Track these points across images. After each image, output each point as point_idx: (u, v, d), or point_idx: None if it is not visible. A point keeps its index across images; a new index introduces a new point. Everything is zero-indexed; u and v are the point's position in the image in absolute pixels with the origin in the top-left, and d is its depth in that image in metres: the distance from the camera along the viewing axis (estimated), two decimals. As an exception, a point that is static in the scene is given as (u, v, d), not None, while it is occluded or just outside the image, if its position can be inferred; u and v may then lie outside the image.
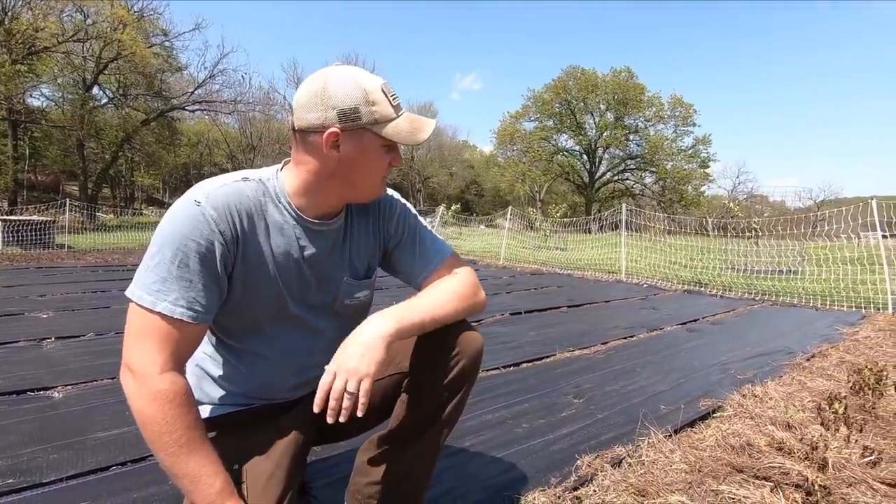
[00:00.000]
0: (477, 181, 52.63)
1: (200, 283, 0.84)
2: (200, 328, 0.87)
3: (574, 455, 1.58)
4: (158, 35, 22.84)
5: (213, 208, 0.85)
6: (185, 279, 0.82)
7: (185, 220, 0.83)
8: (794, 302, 5.41)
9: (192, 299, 0.83)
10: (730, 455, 1.58)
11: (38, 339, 2.86)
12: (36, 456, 1.48)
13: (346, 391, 0.83)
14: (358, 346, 0.87)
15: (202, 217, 0.84)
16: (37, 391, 2.05)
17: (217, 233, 0.85)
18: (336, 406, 0.83)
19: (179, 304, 0.82)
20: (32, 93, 21.82)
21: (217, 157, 35.52)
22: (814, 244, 7.22)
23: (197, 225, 0.83)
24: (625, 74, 40.56)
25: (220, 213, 0.86)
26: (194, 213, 0.84)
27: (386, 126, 0.90)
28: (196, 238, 0.83)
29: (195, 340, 0.88)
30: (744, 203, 30.09)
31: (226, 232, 0.86)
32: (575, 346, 3.06)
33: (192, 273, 0.83)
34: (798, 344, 3.26)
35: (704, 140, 39.57)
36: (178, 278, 0.82)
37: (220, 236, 0.85)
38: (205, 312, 0.85)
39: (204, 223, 0.84)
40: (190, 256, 0.82)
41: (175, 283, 0.82)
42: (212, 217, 0.85)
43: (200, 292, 0.84)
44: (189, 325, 0.83)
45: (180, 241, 0.82)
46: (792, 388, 2.28)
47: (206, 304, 0.85)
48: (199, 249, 0.83)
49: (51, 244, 9.60)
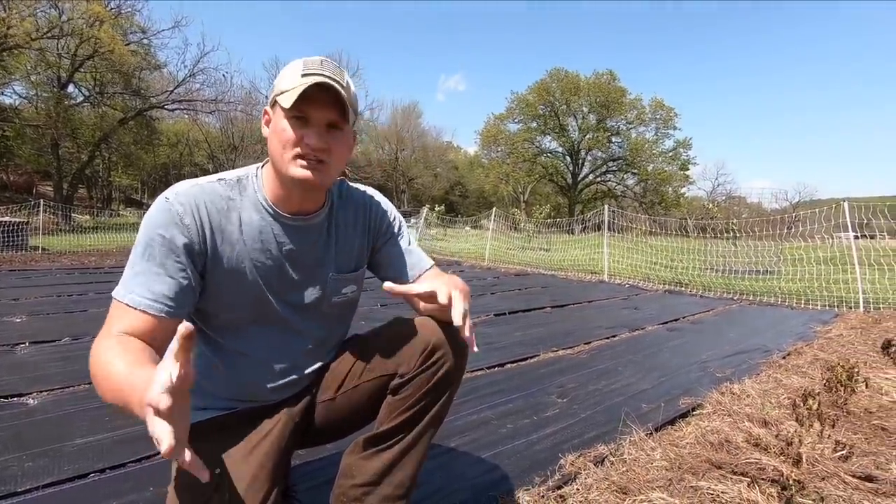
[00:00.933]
0: (461, 182, 52.74)
1: (166, 275, 0.85)
2: (169, 322, 0.83)
3: (558, 454, 1.59)
4: (136, 32, 22.36)
5: (179, 203, 0.88)
6: (153, 272, 0.84)
7: (154, 215, 0.87)
8: (770, 301, 5.55)
9: (158, 292, 0.84)
10: (709, 452, 1.61)
11: (11, 345, 2.78)
12: (10, 464, 1.45)
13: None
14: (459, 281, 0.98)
15: (168, 211, 0.87)
16: (10, 398, 2.00)
17: (182, 226, 0.87)
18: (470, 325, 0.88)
19: (145, 297, 0.83)
20: (4, 90, 21.19)
21: (198, 157, 34.86)
22: (790, 245, 7.42)
23: (162, 218, 0.86)
24: (607, 77, 41.09)
25: (185, 208, 0.88)
26: (162, 208, 0.87)
27: (283, 94, 0.87)
28: (161, 231, 0.85)
29: (165, 335, 0.83)
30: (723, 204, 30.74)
31: (191, 226, 0.88)
32: (559, 346, 3.09)
33: (157, 265, 0.85)
34: (774, 342, 3.35)
35: (685, 143, 40.32)
36: (146, 272, 0.84)
37: (185, 229, 0.87)
38: (172, 306, 0.84)
39: (169, 216, 0.86)
40: (156, 248, 0.85)
41: (143, 276, 0.84)
42: (177, 211, 0.87)
43: (166, 285, 0.85)
44: (154, 318, 0.82)
45: (148, 235, 0.85)
46: (768, 386, 2.34)
47: (173, 298, 0.85)
48: (164, 242, 0.85)
49: (24, 246, 9.32)
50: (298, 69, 0.88)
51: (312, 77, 0.86)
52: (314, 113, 0.88)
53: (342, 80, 0.90)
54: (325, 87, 0.85)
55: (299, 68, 0.88)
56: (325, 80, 0.86)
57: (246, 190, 0.96)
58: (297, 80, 0.87)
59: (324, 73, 0.88)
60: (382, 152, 43.04)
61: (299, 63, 0.90)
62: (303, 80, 0.86)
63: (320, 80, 0.85)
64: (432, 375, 1.01)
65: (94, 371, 0.78)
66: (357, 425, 1.15)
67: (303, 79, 0.86)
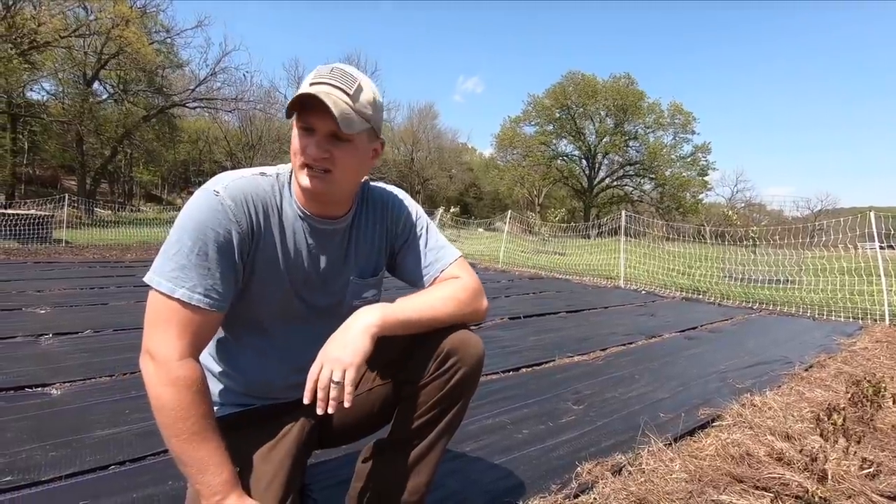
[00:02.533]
0: (476, 184, 52.70)
1: (218, 272, 0.86)
2: (217, 316, 0.88)
3: (574, 462, 1.58)
4: (160, 31, 22.83)
5: (230, 198, 0.88)
6: (204, 267, 0.85)
7: (204, 210, 0.86)
8: (791, 311, 5.43)
9: (210, 287, 0.85)
10: (729, 465, 1.58)
11: (35, 336, 2.84)
12: (35, 453, 1.47)
13: (331, 381, 0.85)
14: (343, 337, 0.89)
15: (220, 207, 0.87)
16: (34, 388, 2.04)
17: (234, 222, 0.88)
18: (324, 396, 0.85)
19: (197, 291, 0.84)
20: (32, 87, 21.77)
21: (217, 154, 35.41)
22: (811, 254, 7.25)
23: (215, 214, 0.86)
24: (624, 80, 40.74)
25: (237, 204, 0.88)
26: (213, 203, 0.87)
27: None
28: (214, 227, 0.85)
29: (212, 328, 0.90)
30: (742, 211, 30.21)
31: (242, 222, 0.89)
32: (574, 351, 3.06)
33: (210, 261, 0.85)
34: (796, 354, 3.27)
35: (703, 148, 39.79)
36: (196, 266, 0.84)
37: (237, 225, 0.88)
38: (221, 300, 0.87)
39: (222, 212, 0.86)
40: (208, 245, 0.85)
41: (193, 270, 0.84)
42: (229, 207, 0.87)
43: (217, 280, 0.86)
44: (207, 312, 0.85)
45: (199, 231, 0.85)
46: (790, 399, 2.28)
47: (222, 292, 0.87)
48: (218, 238, 0.86)
49: (48, 239, 9.55)
50: (310, 78, 0.89)
51: (317, 87, 0.86)
52: (316, 123, 0.87)
53: (349, 88, 0.88)
54: (318, 98, 0.83)
55: (311, 77, 0.89)
56: (322, 89, 0.85)
57: (283, 188, 0.97)
58: (304, 88, 0.87)
59: (329, 81, 0.87)
60: (398, 153, 43.20)
61: (314, 71, 0.90)
62: (309, 90, 0.85)
63: (314, 91, 0.84)
64: (447, 381, 1.00)
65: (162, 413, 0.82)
66: (372, 428, 1.15)
67: (310, 88, 0.86)
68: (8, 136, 21.43)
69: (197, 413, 0.82)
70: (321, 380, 0.85)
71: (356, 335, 0.89)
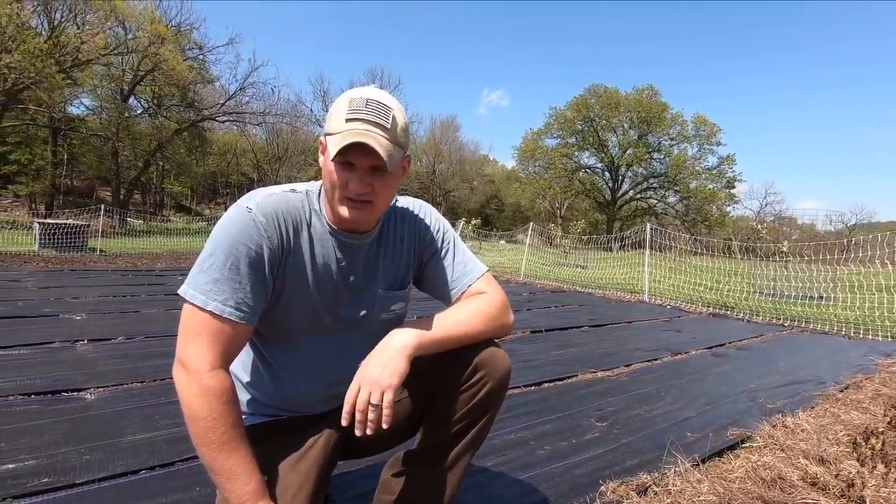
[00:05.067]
0: (498, 196, 52.66)
1: (248, 286, 0.89)
2: (247, 328, 0.91)
3: (598, 480, 1.55)
4: (194, 49, 23.74)
5: (262, 215, 0.91)
6: (235, 281, 0.88)
7: (238, 226, 0.89)
8: (825, 329, 5.24)
9: (241, 300, 0.88)
10: (760, 488, 1.53)
11: (71, 341, 2.95)
12: (70, 456, 1.53)
13: (370, 403, 0.86)
14: (381, 358, 0.91)
15: (252, 223, 0.90)
16: (71, 392, 2.12)
17: (265, 238, 0.90)
18: (362, 418, 0.87)
19: (229, 305, 0.87)
20: (72, 101, 22.83)
21: (244, 166, 36.39)
22: (846, 270, 7.00)
23: (247, 230, 0.89)
24: (648, 92, 40.33)
25: (268, 220, 0.91)
26: (245, 220, 0.90)
27: (330, 137, 0.89)
28: (246, 242, 0.88)
29: (242, 340, 0.93)
30: (771, 225, 29.38)
31: (273, 237, 0.91)
32: (597, 367, 3.02)
33: (241, 275, 0.88)
34: (830, 374, 3.15)
35: (729, 159, 38.93)
36: (228, 280, 0.87)
37: (268, 241, 0.91)
38: (251, 313, 0.90)
39: (254, 228, 0.89)
40: (241, 260, 0.88)
41: (226, 284, 0.87)
42: (261, 223, 0.90)
43: (248, 294, 0.89)
44: (237, 325, 0.88)
45: (232, 246, 0.88)
46: (825, 421, 2.20)
47: (252, 306, 0.90)
48: (249, 253, 0.89)
49: (84, 247, 9.92)
50: (344, 111, 0.88)
51: (355, 124, 0.87)
52: (357, 160, 0.88)
53: (387, 122, 0.89)
54: (363, 143, 0.85)
55: (345, 110, 0.88)
56: (361, 128, 0.86)
57: (312, 204, 0.99)
58: (341, 125, 0.87)
59: (368, 118, 0.87)
60: (420, 165, 43.57)
61: (345, 102, 0.89)
62: (346, 127, 0.86)
63: (360, 140, 0.85)
64: (474, 395, 1.01)
65: (194, 423, 0.85)
66: (398, 440, 1.15)
67: (347, 124, 0.87)
68: (49, 148, 22.48)
69: (227, 423, 0.84)
70: (359, 402, 0.87)
71: (394, 356, 0.91)
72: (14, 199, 23.99)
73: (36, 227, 9.90)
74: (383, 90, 0.96)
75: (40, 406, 1.95)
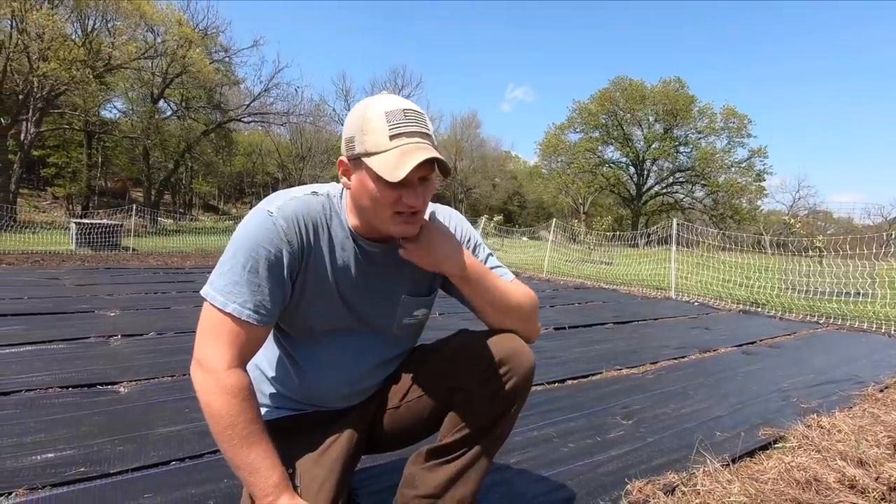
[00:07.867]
0: (520, 192, 52.29)
1: (267, 288, 0.90)
2: (265, 329, 0.92)
3: (623, 479, 1.52)
4: (220, 51, 24.27)
5: (283, 219, 0.91)
6: (254, 283, 0.88)
7: (258, 229, 0.90)
8: (862, 327, 5.02)
9: (259, 303, 0.89)
10: (794, 490, 1.48)
11: (106, 336, 3.06)
12: (105, 447, 1.58)
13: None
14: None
15: (273, 227, 0.90)
16: (106, 385, 2.19)
17: (285, 242, 0.91)
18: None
19: (247, 307, 0.88)
20: (105, 105, 23.65)
21: (269, 166, 37.06)
22: (886, 265, 6.70)
23: (267, 234, 0.89)
24: (675, 85, 39.33)
25: (289, 224, 0.91)
26: (266, 223, 0.90)
27: (374, 157, 0.85)
28: (266, 246, 0.89)
29: (259, 340, 0.94)
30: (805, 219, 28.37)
31: (293, 241, 0.92)
32: (622, 364, 2.96)
33: (260, 278, 0.89)
34: (869, 373, 3.02)
35: (760, 152, 37.67)
36: (247, 282, 0.88)
37: (287, 245, 0.91)
38: (269, 315, 0.91)
39: (274, 232, 0.90)
40: (260, 263, 0.89)
41: (245, 286, 0.88)
42: (282, 227, 0.90)
43: (267, 296, 0.90)
44: (255, 327, 0.89)
45: (252, 249, 0.88)
46: (864, 421, 2.11)
47: (270, 308, 0.91)
48: (269, 257, 0.89)
49: (117, 246, 10.27)
50: (383, 127, 0.84)
51: (402, 139, 0.84)
52: (411, 174, 0.84)
53: (428, 128, 0.88)
54: (428, 159, 0.84)
55: (383, 126, 0.84)
56: (420, 146, 0.85)
57: (334, 208, 0.99)
58: (385, 142, 0.84)
59: (413, 129, 0.85)
60: (441, 162, 43.55)
61: (379, 117, 0.85)
62: (394, 144, 0.84)
63: (425, 158, 0.83)
64: (498, 390, 1.00)
65: (213, 420, 0.86)
66: (421, 435, 1.15)
67: (393, 142, 0.84)
68: (84, 151, 23.33)
69: (245, 419, 0.85)
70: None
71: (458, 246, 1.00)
72: (52, 200, 25.00)
73: (73, 227, 10.29)
74: (397, 94, 0.94)
75: (77, 398, 2.02)
